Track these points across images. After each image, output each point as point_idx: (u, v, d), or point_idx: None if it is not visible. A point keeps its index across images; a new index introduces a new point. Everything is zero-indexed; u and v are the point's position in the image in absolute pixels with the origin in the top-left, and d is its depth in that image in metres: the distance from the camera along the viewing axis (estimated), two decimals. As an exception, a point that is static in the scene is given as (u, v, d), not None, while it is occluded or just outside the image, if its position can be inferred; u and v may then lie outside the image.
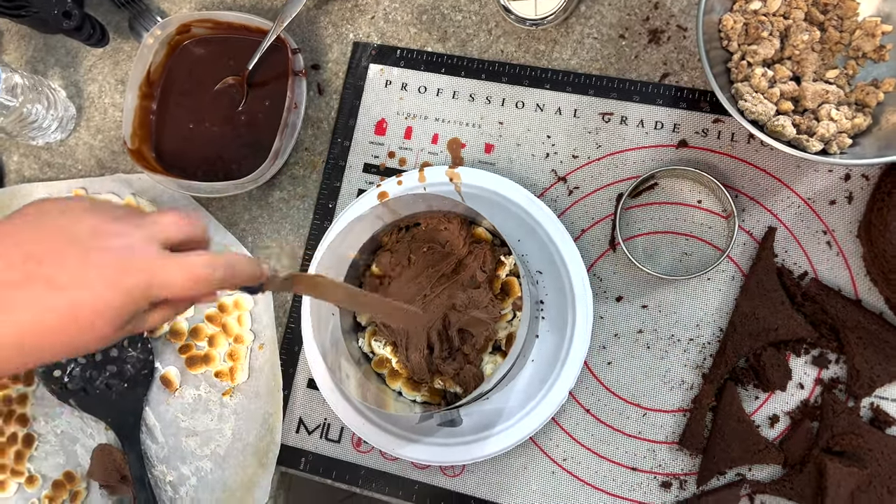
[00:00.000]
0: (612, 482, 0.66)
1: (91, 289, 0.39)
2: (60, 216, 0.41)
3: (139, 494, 0.74)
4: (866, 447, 0.62)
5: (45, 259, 0.39)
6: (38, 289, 0.38)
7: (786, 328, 0.64)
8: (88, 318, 0.39)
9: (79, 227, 0.40)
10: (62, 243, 0.39)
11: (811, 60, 0.64)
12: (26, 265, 0.39)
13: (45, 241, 0.40)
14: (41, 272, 0.39)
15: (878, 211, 0.63)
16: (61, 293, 0.39)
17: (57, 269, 0.39)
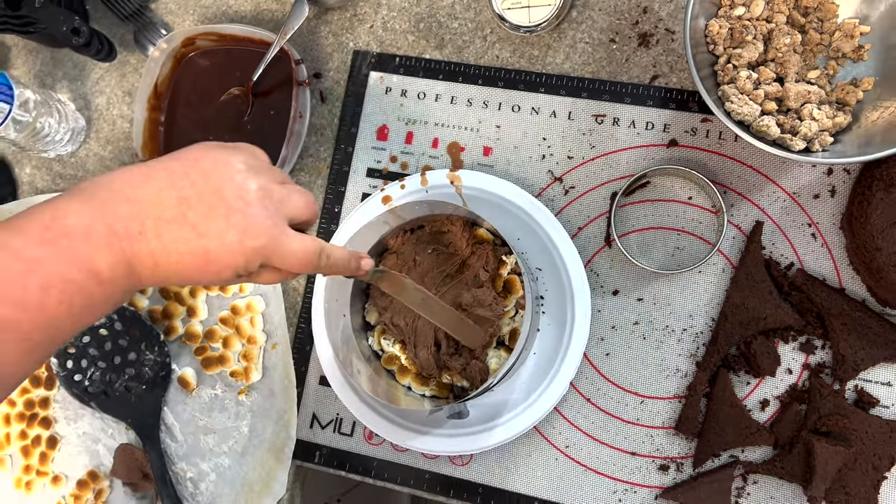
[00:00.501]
0: (613, 466, 0.70)
1: (224, 244, 0.44)
2: (216, 168, 0.45)
3: (161, 491, 0.77)
4: (851, 427, 0.66)
5: (195, 206, 0.44)
6: (185, 230, 0.44)
7: (774, 317, 0.68)
8: (216, 265, 0.45)
9: (228, 185, 0.45)
10: (212, 197, 0.44)
11: (793, 62, 0.67)
12: (180, 207, 0.44)
13: (198, 189, 0.44)
14: (190, 217, 0.44)
15: (859, 204, 0.66)
16: (201, 240, 0.44)
17: (203, 218, 0.44)
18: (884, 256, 0.63)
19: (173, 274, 0.45)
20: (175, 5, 0.86)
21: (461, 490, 0.73)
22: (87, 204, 0.42)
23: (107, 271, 0.42)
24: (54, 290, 0.40)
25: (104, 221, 0.42)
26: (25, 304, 0.40)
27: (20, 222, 0.41)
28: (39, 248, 0.40)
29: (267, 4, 0.84)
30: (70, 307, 0.41)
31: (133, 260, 0.43)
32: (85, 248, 0.41)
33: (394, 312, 0.70)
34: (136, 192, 0.43)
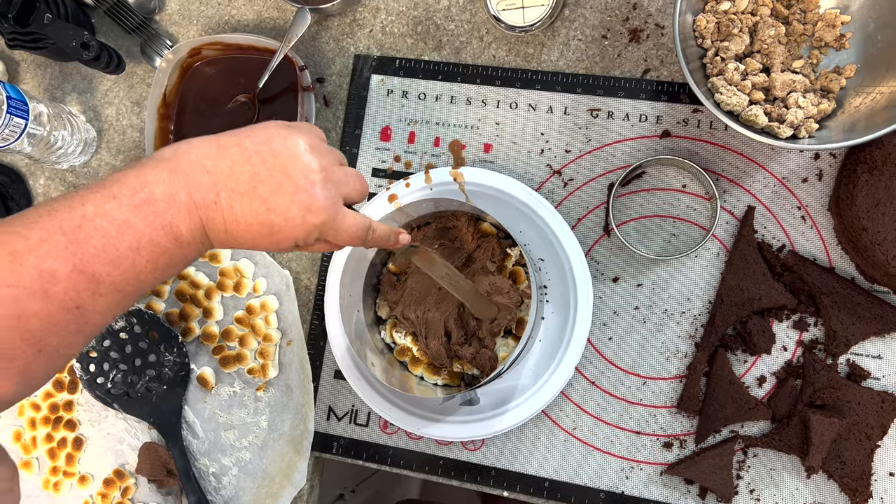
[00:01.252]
0: (619, 446, 0.73)
1: (288, 219, 0.49)
2: (285, 149, 0.49)
3: (186, 486, 0.80)
4: (845, 399, 0.69)
5: (265, 182, 0.48)
6: (255, 203, 0.48)
7: (768, 297, 0.71)
8: (279, 235, 0.50)
9: (295, 165, 0.49)
10: (281, 175, 0.49)
11: (778, 52, 0.70)
12: (252, 181, 0.48)
13: (269, 166, 0.48)
14: (260, 191, 0.48)
15: (845, 186, 0.69)
16: (269, 213, 0.48)
17: (272, 194, 0.48)
18: (869, 235, 0.66)
19: (240, 239, 0.49)
20: (179, 16, 0.89)
21: (474, 474, 0.76)
22: (170, 174, 0.46)
23: (186, 234, 0.47)
24: (143, 250, 0.45)
25: (186, 190, 0.46)
26: (118, 263, 0.44)
27: (111, 188, 0.45)
28: (130, 213, 0.44)
29: (268, 13, 0.86)
30: (156, 265, 0.46)
31: (207, 225, 0.48)
32: (168, 214, 0.46)
33: (404, 306, 0.73)
34: (213, 163, 0.47)
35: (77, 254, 0.43)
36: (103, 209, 0.44)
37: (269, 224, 0.49)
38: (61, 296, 0.43)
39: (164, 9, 0.89)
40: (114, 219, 0.44)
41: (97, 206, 0.44)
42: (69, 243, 0.43)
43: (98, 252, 0.44)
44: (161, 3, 0.89)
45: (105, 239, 0.44)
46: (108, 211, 0.44)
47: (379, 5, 0.84)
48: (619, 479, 0.73)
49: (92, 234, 0.44)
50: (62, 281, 0.43)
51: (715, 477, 0.70)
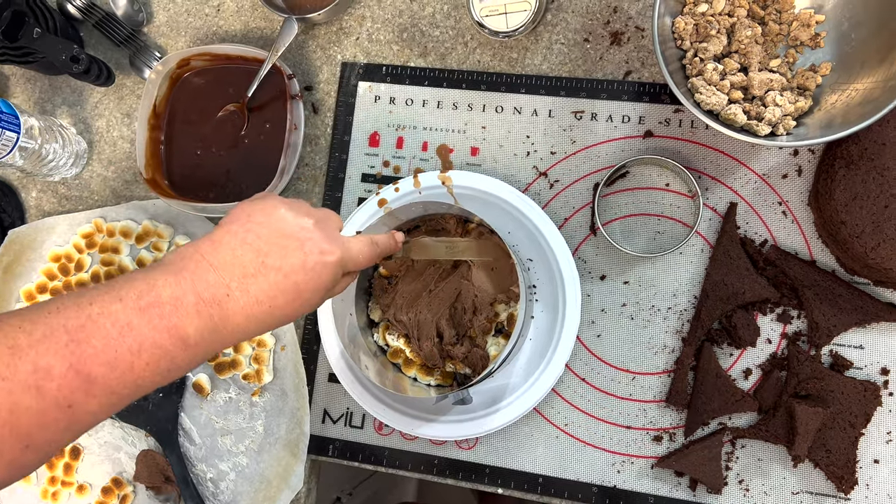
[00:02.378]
0: (610, 441, 0.75)
1: (309, 271, 0.50)
2: (268, 216, 0.51)
3: (184, 492, 0.81)
4: (828, 389, 0.71)
5: (270, 253, 0.49)
6: (270, 276, 0.49)
7: (752, 291, 0.73)
8: (307, 292, 0.51)
9: (287, 224, 0.51)
10: (280, 239, 0.50)
11: (756, 52, 0.71)
12: (257, 258, 0.49)
13: (265, 238, 0.50)
14: (270, 263, 0.49)
15: (823, 182, 0.71)
16: (288, 277, 0.50)
17: (282, 259, 0.49)
18: (848, 229, 0.68)
19: (267, 319, 0.50)
20: (167, 28, 0.90)
21: (469, 472, 0.77)
22: (176, 276, 0.47)
23: (194, 335, 0.46)
24: (144, 353, 0.45)
25: (193, 291, 0.47)
26: (116, 364, 0.44)
27: (119, 290, 0.46)
28: (134, 315, 0.45)
29: (256, 23, 0.88)
30: (155, 369, 0.45)
31: (221, 322, 0.48)
32: (174, 317, 0.45)
33: (396, 309, 0.74)
34: (214, 258, 0.48)
35: (76, 353, 0.43)
36: (108, 310, 0.44)
37: (293, 287, 0.50)
38: (54, 393, 0.42)
39: (152, 21, 0.90)
40: (117, 320, 0.44)
41: (102, 307, 0.44)
42: (70, 342, 0.43)
43: (97, 353, 0.43)
44: (149, 16, 0.90)
45: (105, 340, 0.43)
46: (112, 312, 0.44)
47: (364, 13, 0.85)
48: (610, 474, 0.74)
49: (94, 334, 0.43)
50: (57, 378, 0.42)
51: (704, 468, 0.72)
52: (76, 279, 0.86)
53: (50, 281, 0.87)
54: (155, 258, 0.85)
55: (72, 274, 0.86)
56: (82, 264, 0.86)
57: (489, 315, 0.74)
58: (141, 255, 0.85)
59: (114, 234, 0.86)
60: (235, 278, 0.48)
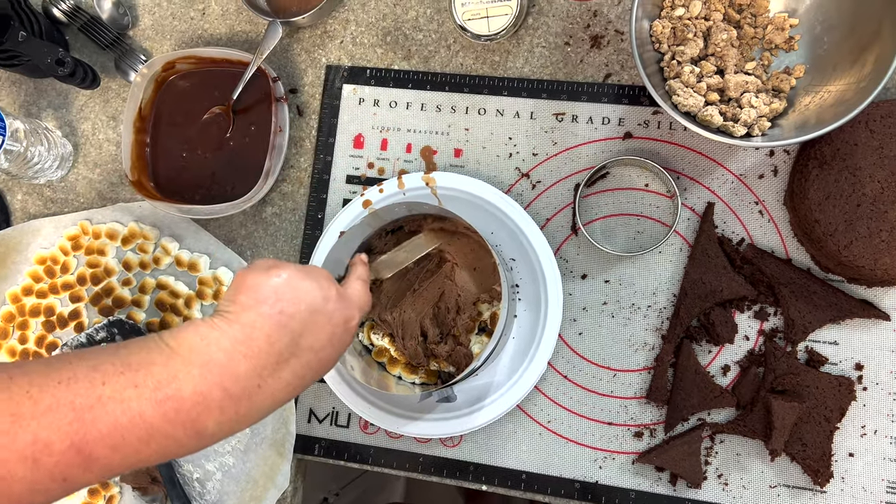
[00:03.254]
0: (592, 437, 0.76)
1: (334, 342, 0.50)
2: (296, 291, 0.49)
3: (170, 493, 0.81)
4: (804, 384, 0.72)
5: (305, 333, 0.48)
6: (304, 357, 0.48)
7: (729, 289, 0.74)
8: (330, 361, 0.51)
9: (315, 296, 0.50)
10: (312, 315, 0.49)
11: (732, 55, 0.73)
12: (293, 342, 0.48)
13: (299, 316, 0.48)
14: (304, 344, 0.48)
15: (798, 182, 0.72)
16: (318, 354, 0.49)
17: (314, 336, 0.49)
18: (822, 227, 0.69)
19: (288, 396, 0.49)
20: (152, 31, 0.91)
21: (454, 469, 0.78)
22: (202, 368, 0.44)
23: (213, 428, 0.45)
24: (153, 442, 0.43)
25: (221, 386, 0.45)
26: (119, 448, 0.42)
27: (136, 374, 0.43)
28: (148, 407, 0.43)
29: (241, 26, 0.89)
30: (163, 454, 0.44)
31: (247, 413, 0.46)
32: (194, 412, 0.44)
33: (381, 309, 0.75)
34: (248, 347, 0.46)
35: (80, 433, 0.41)
36: (121, 395, 0.42)
37: (320, 363, 0.50)
38: (51, 468, 0.41)
39: (137, 24, 0.91)
40: (129, 409, 0.42)
41: (115, 391, 0.43)
42: (74, 420, 0.41)
43: (102, 436, 0.42)
44: (134, 19, 0.91)
45: (113, 426, 0.42)
46: (125, 398, 0.42)
47: (349, 17, 0.86)
48: (592, 469, 0.75)
49: (101, 418, 0.42)
50: (56, 455, 0.41)
51: (684, 463, 0.73)
52: (62, 281, 0.86)
53: (36, 283, 0.87)
54: (141, 260, 0.85)
55: (57, 276, 0.87)
56: (68, 266, 0.87)
57: (472, 314, 0.75)
58: (127, 257, 0.86)
59: (100, 236, 0.86)
60: (268, 367, 0.46)
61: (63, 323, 0.86)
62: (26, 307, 0.87)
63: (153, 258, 0.85)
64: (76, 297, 0.86)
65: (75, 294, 0.86)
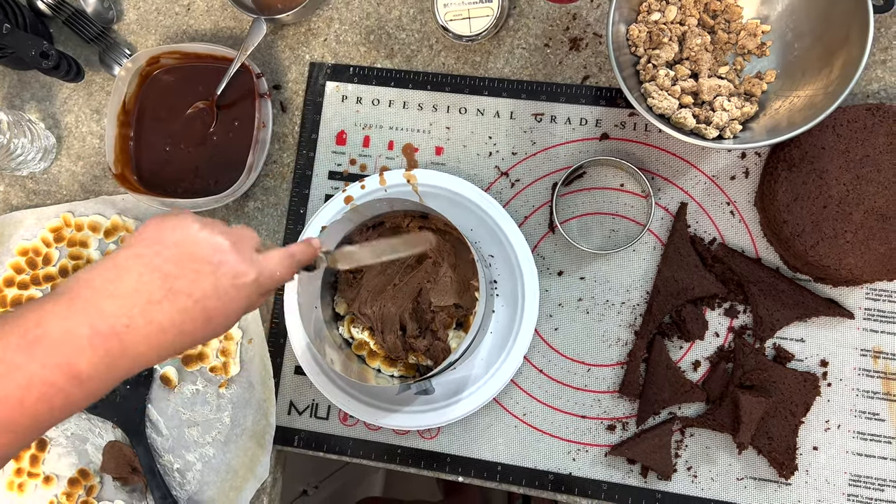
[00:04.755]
0: (566, 429, 0.78)
1: (222, 296, 0.48)
2: (181, 237, 0.48)
3: (150, 483, 0.82)
4: (771, 380, 0.75)
5: (180, 276, 0.46)
6: (179, 301, 0.46)
7: (701, 287, 0.76)
8: (219, 317, 0.48)
9: (200, 246, 0.48)
10: (192, 262, 0.47)
11: (705, 59, 0.75)
12: (165, 283, 0.46)
13: (174, 260, 0.47)
14: (178, 287, 0.46)
15: (768, 183, 0.75)
16: (198, 303, 0.47)
17: (192, 283, 0.47)
18: (790, 228, 0.72)
19: (171, 347, 0.47)
20: (137, 26, 0.91)
21: (431, 461, 0.80)
22: (68, 306, 0.44)
23: (88, 369, 0.44)
24: (34, 390, 0.42)
25: (87, 322, 0.44)
26: (5, 402, 0.42)
27: (8, 323, 0.44)
28: (17, 354, 0.42)
29: (225, 22, 0.89)
30: (50, 405, 0.43)
31: (120, 354, 0.45)
32: (63, 352, 0.43)
33: (361, 302, 0.76)
34: (116, 286, 0.45)
35: None
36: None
37: (202, 313, 0.47)
38: None
39: (122, 18, 0.92)
40: (2, 359, 0.42)
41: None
42: None
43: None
44: (119, 13, 0.92)
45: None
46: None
47: (333, 15, 0.87)
48: (566, 461, 0.77)
49: None
50: None
51: (655, 456, 0.75)
52: (44, 273, 0.87)
53: (17, 274, 0.87)
54: (123, 252, 0.86)
55: (39, 267, 0.87)
56: (50, 258, 0.87)
57: (450, 310, 0.76)
58: (109, 250, 0.86)
59: (82, 228, 0.87)
60: (138, 306, 0.45)
61: None
62: (7, 298, 0.87)
63: (136, 251, 0.86)
64: (58, 288, 0.87)
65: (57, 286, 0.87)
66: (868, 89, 0.78)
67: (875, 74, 0.78)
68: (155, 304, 0.46)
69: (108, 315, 0.44)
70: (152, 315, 0.45)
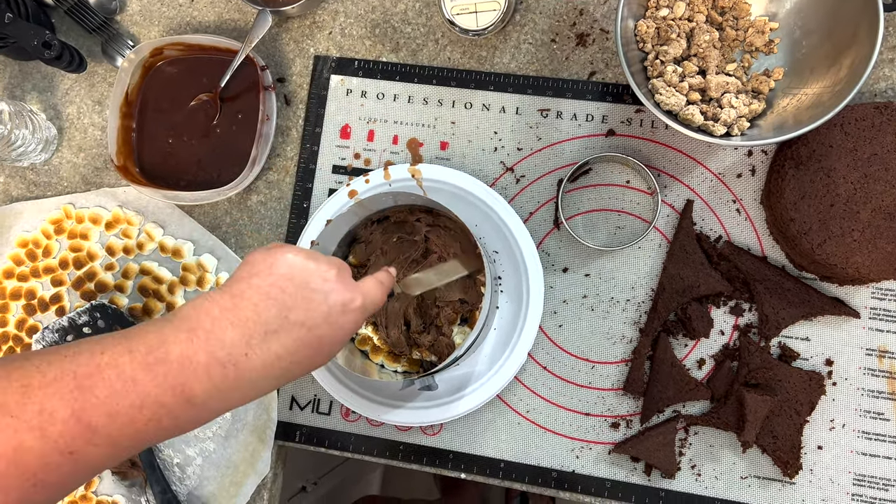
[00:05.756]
0: (570, 427, 0.77)
1: (332, 323, 0.50)
2: (293, 268, 0.50)
3: (150, 477, 0.82)
4: (776, 379, 0.74)
5: (294, 307, 0.48)
6: (294, 331, 0.48)
7: (706, 285, 0.76)
8: (330, 345, 0.50)
9: (311, 276, 0.50)
10: (305, 291, 0.49)
11: (713, 56, 0.75)
12: (281, 314, 0.48)
13: (290, 292, 0.49)
14: (294, 318, 0.48)
15: (775, 181, 0.74)
16: (312, 331, 0.49)
17: (307, 312, 0.49)
18: (797, 226, 0.71)
19: (283, 376, 0.49)
20: (140, 17, 0.90)
21: (433, 457, 0.79)
22: (189, 333, 0.46)
23: (201, 395, 0.46)
24: (146, 409, 0.44)
25: (206, 350, 0.46)
26: (116, 416, 0.44)
27: (131, 342, 0.45)
28: (140, 371, 0.44)
29: (229, 14, 0.89)
30: (158, 425, 0.45)
31: (235, 382, 0.47)
32: (181, 376, 0.45)
33: (364, 297, 0.76)
34: (235, 315, 0.47)
35: (79, 400, 0.43)
36: (117, 361, 0.44)
37: (317, 341, 0.49)
38: (56, 437, 0.43)
39: (125, 9, 0.91)
40: (122, 373, 0.44)
41: (112, 358, 0.44)
42: (76, 388, 0.43)
43: (99, 403, 0.43)
44: (122, 4, 0.91)
45: (109, 392, 0.44)
46: (120, 364, 0.44)
47: (338, 8, 0.87)
48: (569, 459, 0.77)
49: (99, 385, 0.44)
50: (59, 424, 0.43)
51: (659, 454, 0.75)
52: (44, 265, 0.86)
53: (17, 266, 0.87)
54: (124, 245, 0.85)
55: (39, 259, 0.86)
56: (50, 250, 0.87)
57: (455, 305, 0.76)
58: (111, 242, 0.86)
59: (83, 220, 0.86)
60: (256, 336, 0.47)
61: (44, 307, 0.86)
62: (7, 290, 0.86)
63: (137, 243, 0.86)
64: (58, 280, 0.86)
65: (57, 278, 0.86)
66: (875, 88, 0.78)
67: (883, 73, 0.78)
68: (272, 333, 0.47)
69: (227, 344, 0.46)
70: (269, 345, 0.47)
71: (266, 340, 0.47)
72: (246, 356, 0.46)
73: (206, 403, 0.46)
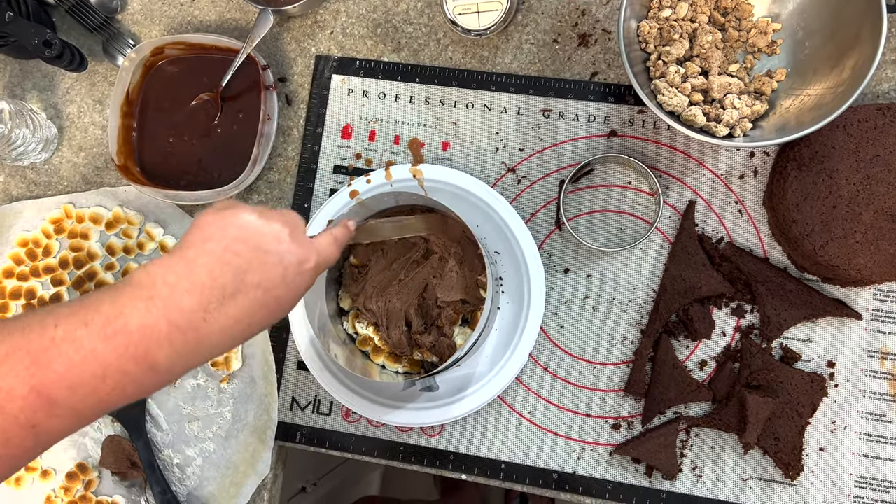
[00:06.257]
0: (571, 428, 0.77)
1: (289, 283, 0.50)
2: (245, 230, 0.50)
3: (150, 478, 0.81)
4: (778, 380, 0.74)
5: (250, 269, 0.48)
6: (251, 293, 0.48)
7: (708, 286, 0.76)
8: (286, 303, 0.51)
9: (264, 237, 0.50)
10: (259, 254, 0.49)
11: (716, 57, 0.75)
12: (237, 277, 0.48)
13: (244, 253, 0.48)
14: (250, 280, 0.48)
15: (777, 182, 0.74)
16: (269, 293, 0.49)
17: (262, 274, 0.49)
18: (799, 227, 0.71)
19: (242, 335, 0.49)
20: (141, 16, 0.90)
21: (434, 458, 0.79)
22: (147, 302, 0.45)
23: (164, 362, 0.45)
24: (109, 379, 0.44)
25: (166, 318, 0.45)
26: (77, 388, 0.43)
27: (86, 313, 0.45)
28: (99, 343, 0.44)
29: (231, 14, 0.89)
30: (122, 392, 0.45)
31: (196, 346, 0.46)
32: (143, 345, 0.44)
33: (366, 298, 0.76)
34: (191, 282, 0.46)
35: (37, 375, 0.42)
36: (72, 335, 0.44)
37: (274, 301, 0.49)
38: (16, 413, 0.42)
39: (125, 8, 0.91)
40: (81, 347, 0.43)
41: (67, 331, 0.44)
42: (31, 364, 0.43)
43: (59, 377, 0.43)
44: (123, 3, 0.91)
45: (68, 365, 0.43)
46: (77, 338, 0.43)
47: (339, 8, 0.86)
48: (570, 460, 0.77)
49: (56, 359, 0.43)
50: (18, 400, 0.42)
51: (660, 456, 0.75)
52: (43, 264, 0.86)
53: (17, 265, 0.86)
54: (125, 245, 0.85)
55: (39, 259, 0.86)
56: (50, 249, 0.86)
57: (456, 306, 0.76)
58: (111, 242, 0.86)
59: (83, 219, 0.86)
60: (214, 301, 0.46)
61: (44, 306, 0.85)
62: (7, 290, 0.86)
63: (137, 243, 0.85)
64: (58, 280, 0.86)
65: (57, 278, 0.86)
66: (878, 89, 0.78)
67: (886, 74, 0.78)
68: (229, 297, 0.47)
69: (186, 311, 0.46)
70: (227, 309, 0.47)
71: (224, 305, 0.47)
72: (205, 321, 0.46)
73: (170, 369, 0.46)
